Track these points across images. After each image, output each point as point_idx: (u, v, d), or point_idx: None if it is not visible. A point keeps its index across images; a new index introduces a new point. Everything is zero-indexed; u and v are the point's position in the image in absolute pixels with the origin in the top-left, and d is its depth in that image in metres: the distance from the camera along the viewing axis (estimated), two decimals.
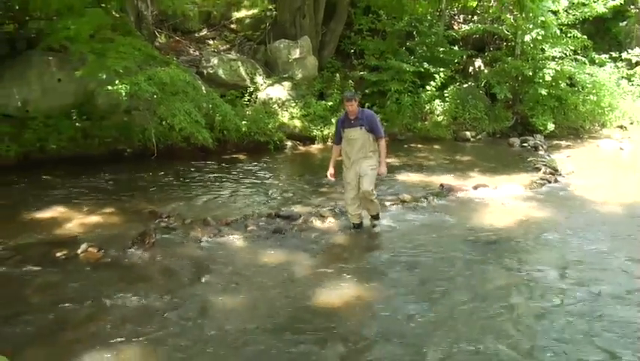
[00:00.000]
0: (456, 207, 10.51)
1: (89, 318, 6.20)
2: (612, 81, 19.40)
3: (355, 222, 9.07)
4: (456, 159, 14.96)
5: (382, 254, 8.19)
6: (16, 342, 5.53)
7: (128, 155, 13.20)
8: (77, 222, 9.16)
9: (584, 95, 18.90)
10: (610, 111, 19.32)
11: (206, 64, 16.49)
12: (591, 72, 18.85)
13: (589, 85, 18.71)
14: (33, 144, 12.33)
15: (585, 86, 18.76)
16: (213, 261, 7.86)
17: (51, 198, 10.27)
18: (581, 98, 18.88)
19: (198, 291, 6.92)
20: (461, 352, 5.61)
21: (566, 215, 10.17)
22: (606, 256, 8.31)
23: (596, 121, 19.40)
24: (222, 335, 5.97)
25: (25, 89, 12.89)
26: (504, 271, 7.72)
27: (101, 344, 5.65)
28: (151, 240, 8.26)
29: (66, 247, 7.99)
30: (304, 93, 16.99)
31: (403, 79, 17.58)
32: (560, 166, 13.74)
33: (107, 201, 10.28)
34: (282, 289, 6.94)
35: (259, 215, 9.62)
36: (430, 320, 6.27)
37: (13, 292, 6.78)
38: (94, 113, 13.25)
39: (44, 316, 6.25)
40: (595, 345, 5.76)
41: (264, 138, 14.99)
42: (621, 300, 6.80)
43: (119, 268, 7.59)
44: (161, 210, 9.71)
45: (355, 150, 8.59)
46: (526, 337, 5.95)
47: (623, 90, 19.87)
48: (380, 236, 8.96)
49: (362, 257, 8.09)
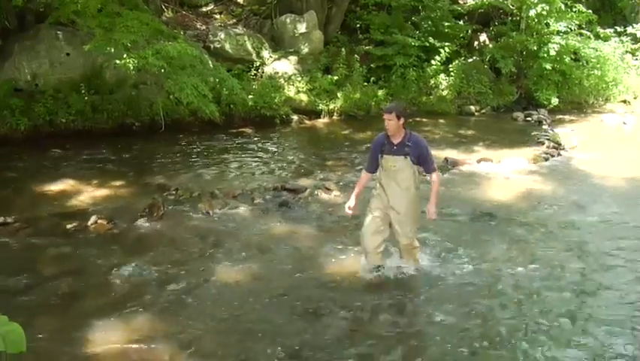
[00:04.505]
0: (460, 181, 10.48)
1: (99, 288, 6.25)
2: (616, 56, 19.19)
3: (375, 264, 6.58)
4: (460, 133, 14.89)
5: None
6: (29, 311, 5.58)
7: (136, 129, 13.17)
8: (87, 195, 9.19)
9: (589, 69, 18.72)
10: (614, 86, 19.13)
11: (213, 38, 16.37)
12: (596, 47, 18.64)
13: (593, 59, 18.52)
14: (43, 118, 12.30)
15: (589, 61, 18.58)
16: (220, 233, 7.90)
17: (61, 171, 10.30)
18: (585, 72, 18.70)
19: (205, 262, 6.96)
20: (453, 310, 5.69)
21: (569, 188, 10.16)
22: (608, 226, 8.38)
23: (600, 95, 19.22)
24: (229, 304, 6.02)
25: (34, 63, 12.86)
26: (504, 242, 7.75)
27: (110, 314, 5.70)
28: (159, 212, 8.29)
29: (76, 219, 8.03)
30: (310, 67, 16.87)
31: (408, 53, 17.42)
32: (564, 140, 13.67)
33: (116, 175, 10.30)
34: (288, 261, 6.97)
35: (265, 188, 9.63)
36: (429, 291, 6.34)
37: (25, 263, 6.83)
38: (102, 87, 13.20)
39: (56, 286, 6.30)
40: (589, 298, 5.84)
41: (270, 112, 14.93)
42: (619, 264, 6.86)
43: (128, 239, 7.63)
44: (169, 183, 9.73)
45: (394, 184, 6.33)
46: (523, 296, 6.01)
47: (627, 65, 19.65)
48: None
49: None
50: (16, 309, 5.40)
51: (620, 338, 5.43)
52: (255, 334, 5.49)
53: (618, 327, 5.62)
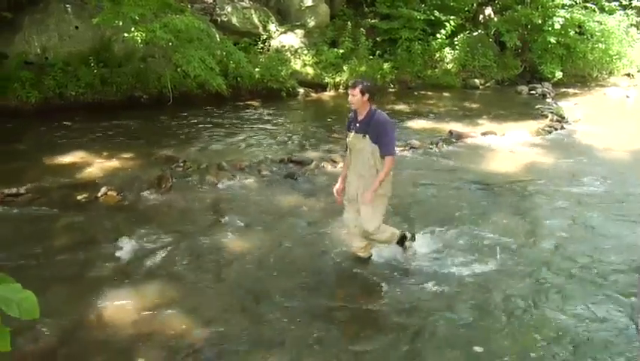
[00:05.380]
0: (464, 153, 10.51)
1: (110, 257, 6.32)
2: (621, 29, 19.02)
3: (362, 256, 6.31)
4: (465, 107, 14.87)
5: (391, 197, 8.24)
6: (41, 280, 5.67)
7: (144, 101, 13.20)
8: (96, 167, 9.25)
9: (593, 43, 18.57)
10: (618, 59, 19.01)
11: (220, 11, 16.31)
12: (600, 20, 18.46)
13: (598, 33, 18.37)
14: (53, 91, 12.35)
15: (594, 34, 18.43)
16: (227, 204, 7.96)
17: (71, 143, 10.34)
18: (590, 46, 18.57)
19: (213, 232, 7.02)
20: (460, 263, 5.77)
21: (572, 160, 10.18)
22: (608, 195, 8.47)
23: (604, 69, 19.11)
24: (235, 272, 6.11)
25: (44, 36, 12.87)
26: (505, 211, 7.83)
27: (120, 282, 5.79)
28: (167, 184, 8.35)
29: (86, 190, 8.09)
30: (316, 41, 16.83)
31: (414, 27, 17.34)
32: (567, 113, 13.65)
33: (125, 147, 10.33)
34: (293, 232, 7.04)
35: (272, 160, 9.67)
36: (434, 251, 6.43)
37: (38, 232, 6.91)
38: (111, 60, 13.21)
39: (67, 255, 6.38)
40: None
41: (276, 85, 14.93)
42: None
43: (137, 210, 7.70)
44: (177, 155, 9.77)
45: (358, 165, 5.91)
46: (523, 266, 6.09)
47: (631, 38, 19.50)
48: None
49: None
50: (28, 277, 5.47)
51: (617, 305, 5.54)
52: (258, 300, 5.59)
53: (618, 294, 5.73)
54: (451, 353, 4.81)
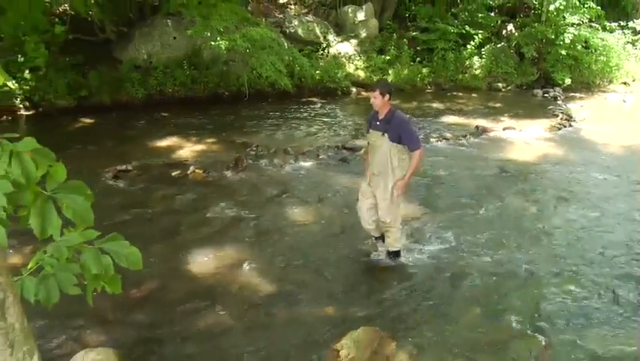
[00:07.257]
0: (488, 145, 10.26)
1: (196, 224, 6.39)
2: (619, 45, 18.52)
3: (374, 235, 5.69)
4: (489, 106, 14.48)
5: (426, 179, 8.10)
6: (143, 239, 5.73)
7: (226, 97, 13.21)
8: (187, 150, 9.34)
9: (596, 56, 18.06)
10: (616, 70, 18.43)
11: (288, 24, 16.21)
12: (602, 37, 18.01)
13: (600, 48, 17.90)
14: (154, 88, 12.51)
15: (597, 49, 17.94)
16: (291, 182, 7.94)
17: (167, 130, 10.46)
18: (594, 58, 18.05)
19: (280, 205, 7.02)
20: (477, 241, 5.61)
21: (578, 153, 9.91)
22: (609, 182, 8.30)
23: (605, 78, 18.49)
24: (298, 239, 6.09)
25: (149, 45, 13.03)
26: (519, 194, 7.70)
27: (205, 244, 5.83)
28: (243, 164, 8.37)
29: (179, 168, 8.19)
30: (367, 49, 16.59)
31: (448, 39, 17.03)
32: (574, 114, 13.23)
33: (209, 133, 10.38)
34: (345, 207, 6.96)
35: (329, 146, 9.58)
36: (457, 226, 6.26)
37: (140, 201, 7.04)
38: (200, 63, 13.27)
39: (163, 221, 6.48)
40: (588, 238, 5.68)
41: (333, 85, 14.77)
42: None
43: (219, 186, 7.75)
44: (251, 141, 9.78)
45: (376, 161, 5.22)
46: (532, 238, 5.89)
47: (628, 53, 18.97)
48: (425, 165, 8.67)
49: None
50: (133, 236, 5.48)
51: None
52: (316, 261, 5.58)
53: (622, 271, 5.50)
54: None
